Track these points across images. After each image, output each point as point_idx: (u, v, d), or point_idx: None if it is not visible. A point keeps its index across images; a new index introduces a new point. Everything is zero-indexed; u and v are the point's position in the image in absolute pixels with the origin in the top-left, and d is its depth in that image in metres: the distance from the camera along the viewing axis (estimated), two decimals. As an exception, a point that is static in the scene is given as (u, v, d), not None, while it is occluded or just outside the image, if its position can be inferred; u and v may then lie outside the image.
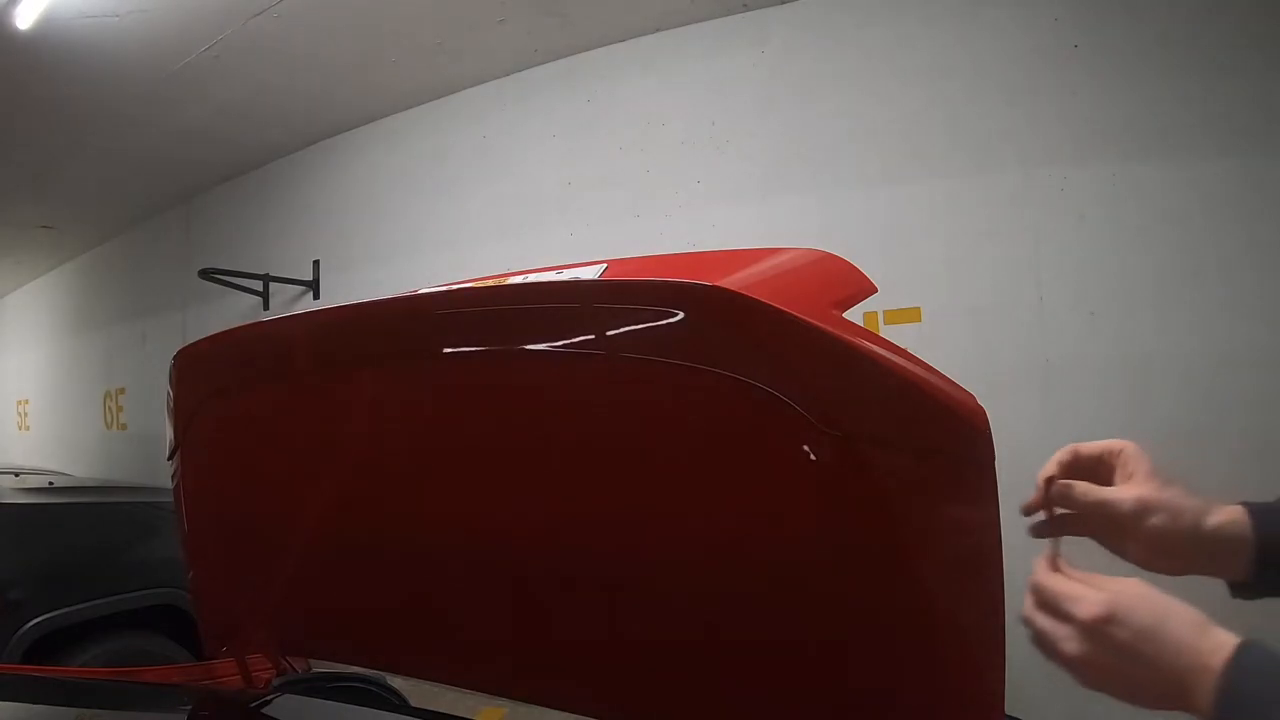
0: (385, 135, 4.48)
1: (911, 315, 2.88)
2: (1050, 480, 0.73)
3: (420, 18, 3.42)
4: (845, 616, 0.84)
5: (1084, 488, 0.71)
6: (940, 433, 0.72)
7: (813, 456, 0.77)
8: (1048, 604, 0.61)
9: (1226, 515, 0.69)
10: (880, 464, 0.75)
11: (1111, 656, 0.57)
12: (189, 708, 1.24)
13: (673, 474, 0.87)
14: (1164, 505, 0.68)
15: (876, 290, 0.95)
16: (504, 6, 3.33)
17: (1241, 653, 0.53)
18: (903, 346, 0.75)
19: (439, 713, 1.20)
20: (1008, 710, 0.74)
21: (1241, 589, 0.70)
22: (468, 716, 1.19)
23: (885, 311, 2.87)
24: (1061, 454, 0.74)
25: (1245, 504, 0.70)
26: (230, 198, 5.41)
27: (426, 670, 1.29)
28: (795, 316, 0.71)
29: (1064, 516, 0.73)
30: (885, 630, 0.82)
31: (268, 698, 1.15)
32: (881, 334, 2.62)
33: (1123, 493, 0.70)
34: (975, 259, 2.83)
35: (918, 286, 2.86)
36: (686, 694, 0.98)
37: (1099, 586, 0.61)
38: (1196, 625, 0.56)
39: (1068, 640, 0.59)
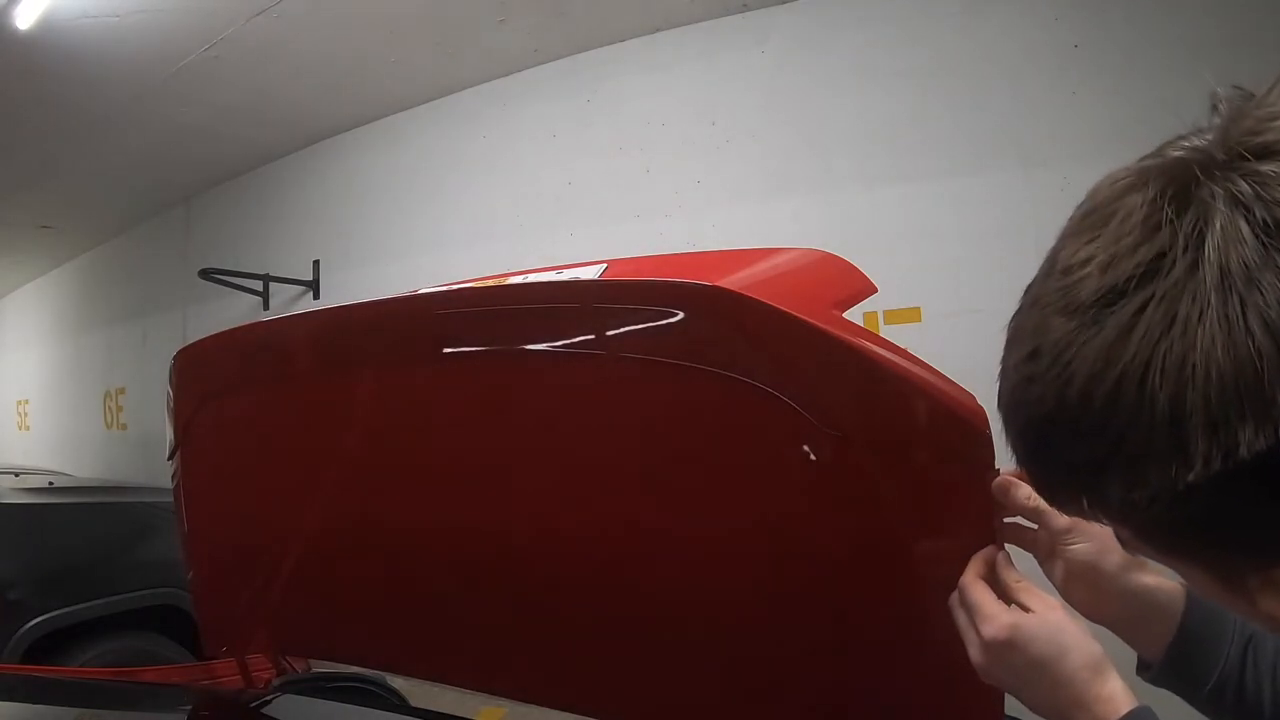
0: (385, 135, 4.47)
1: (911, 315, 2.88)
2: (994, 472, 0.69)
3: (420, 18, 3.42)
4: (845, 616, 0.84)
5: (1028, 490, 0.66)
6: (940, 433, 0.72)
7: (813, 456, 0.77)
8: (964, 608, 0.64)
9: (1162, 584, 0.63)
10: (880, 464, 0.75)
11: (1007, 676, 0.61)
12: (189, 708, 1.25)
13: (672, 473, 0.88)
14: (1098, 535, 0.63)
15: (876, 290, 0.95)
16: (504, 6, 3.33)
17: None
18: (903, 346, 0.75)
19: (439, 713, 1.20)
20: (1007, 710, 0.74)
21: (1145, 668, 0.65)
22: (468, 716, 1.19)
23: (885, 311, 2.86)
24: None
25: (1188, 588, 0.63)
26: (230, 198, 5.40)
27: (426, 670, 1.29)
28: (795, 316, 0.71)
29: (1006, 521, 0.70)
30: (885, 630, 0.82)
31: (268, 698, 1.15)
32: (881, 334, 2.62)
33: None
34: (975, 259, 2.82)
35: (918, 286, 2.85)
36: (684, 693, 0.99)
37: (1020, 599, 0.62)
38: (1091, 667, 0.57)
39: (973, 647, 0.62)
